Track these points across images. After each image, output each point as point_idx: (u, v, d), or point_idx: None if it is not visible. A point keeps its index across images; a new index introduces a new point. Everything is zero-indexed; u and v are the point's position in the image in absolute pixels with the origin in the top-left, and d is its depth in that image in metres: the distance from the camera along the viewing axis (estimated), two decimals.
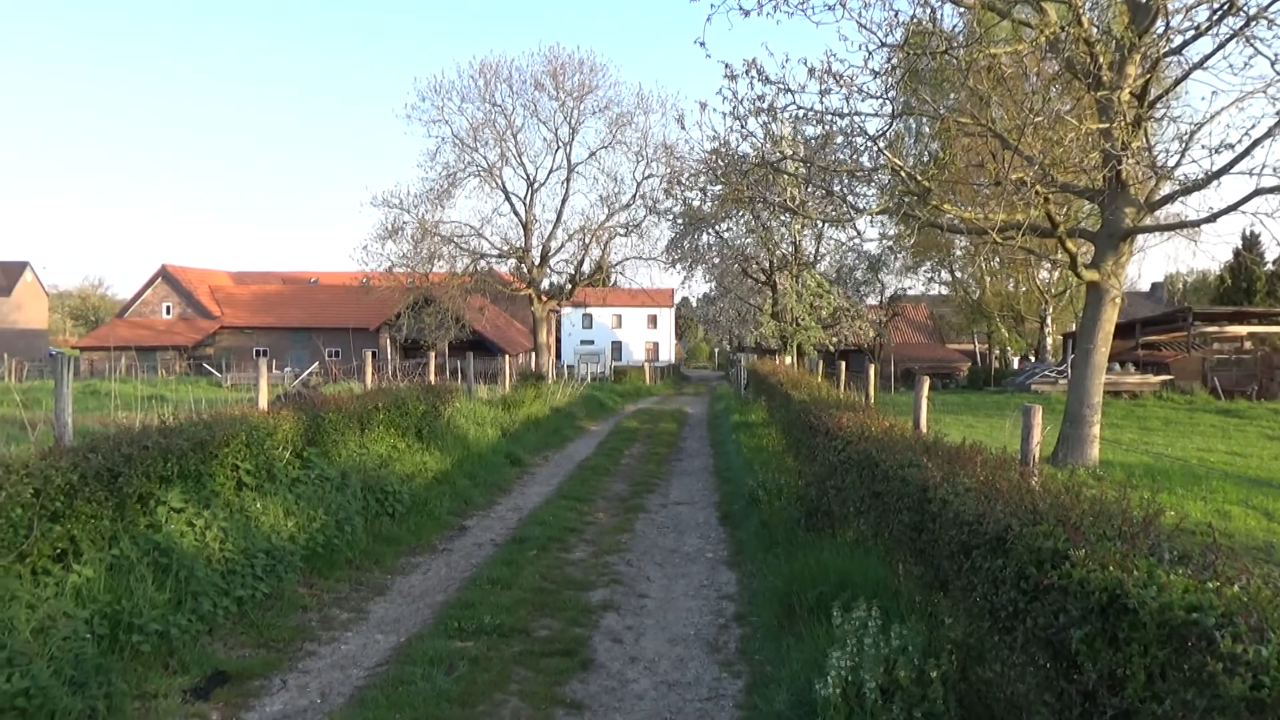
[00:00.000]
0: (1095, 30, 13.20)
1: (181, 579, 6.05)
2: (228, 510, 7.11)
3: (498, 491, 12.71)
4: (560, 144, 39.79)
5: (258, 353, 55.79)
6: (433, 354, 19.92)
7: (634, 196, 39.88)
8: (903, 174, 13.49)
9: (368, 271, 40.31)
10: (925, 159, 24.38)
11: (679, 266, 38.30)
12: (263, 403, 9.53)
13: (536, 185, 40.17)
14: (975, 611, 4.20)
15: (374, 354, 15.32)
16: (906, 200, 13.95)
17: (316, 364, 40.40)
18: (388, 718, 4.95)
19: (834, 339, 37.51)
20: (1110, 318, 14.25)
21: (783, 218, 32.97)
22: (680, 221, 36.27)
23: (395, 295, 41.35)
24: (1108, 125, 12.34)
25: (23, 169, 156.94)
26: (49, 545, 5.40)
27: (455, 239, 38.93)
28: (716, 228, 36.25)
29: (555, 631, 6.53)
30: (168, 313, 60.43)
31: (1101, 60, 12.49)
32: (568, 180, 40.38)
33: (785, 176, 17.77)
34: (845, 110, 13.13)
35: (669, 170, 34.84)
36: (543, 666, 5.80)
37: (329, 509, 8.34)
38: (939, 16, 12.63)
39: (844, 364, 15.60)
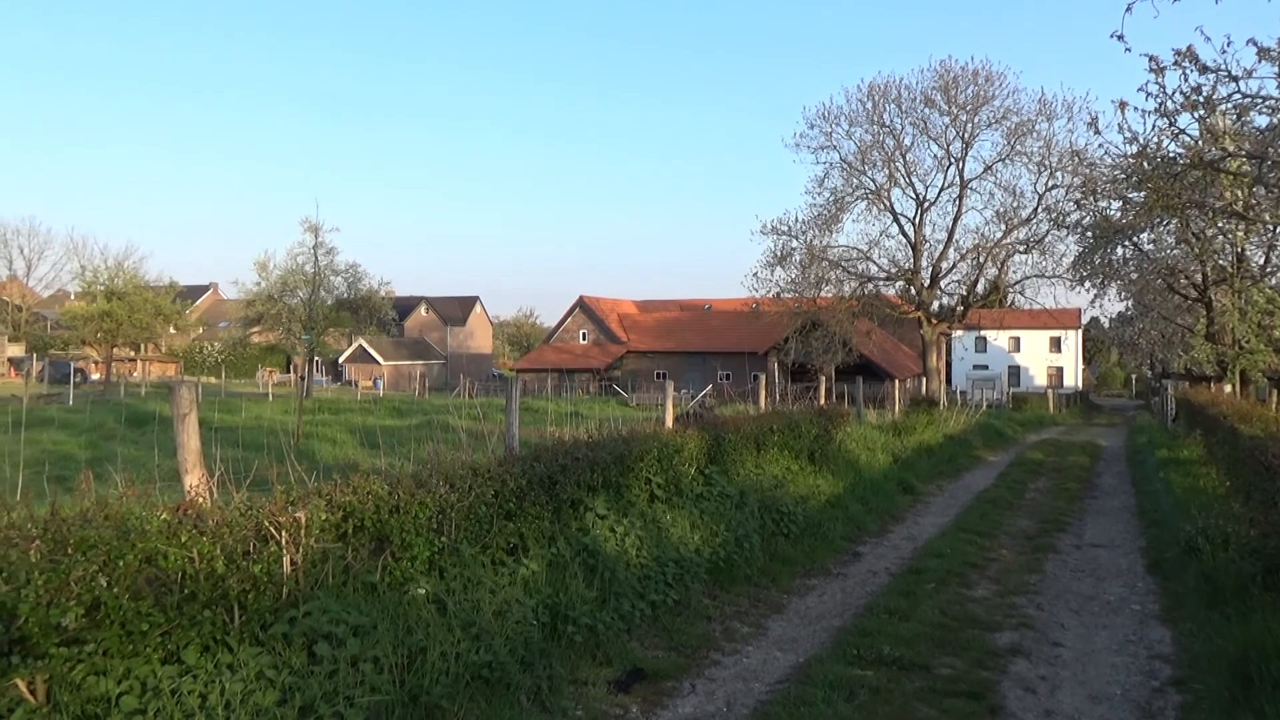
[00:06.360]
0: None
1: (606, 579, 6.72)
2: (642, 520, 7.76)
3: (890, 519, 12.44)
4: (952, 160, 38.28)
5: (658, 375, 60.14)
6: (821, 378, 20.07)
7: (1035, 210, 37.12)
8: None
9: (757, 297, 41.76)
10: None
11: (1088, 284, 34.57)
12: (668, 422, 10.27)
13: (926, 204, 39.00)
14: None
15: (763, 377, 15.83)
16: None
17: (710, 386, 42.60)
18: None
19: None
20: None
21: (1220, 224, 28.53)
22: (1090, 235, 32.90)
23: (783, 320, 42.27)
24: None
25: (474, 219, 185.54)
26: (504, 539, 6.29)
27: (842, 263, 39.00)
28: (1135, 239, 32.35)
29: (959, 671, 6.23)
30: (584, 339, 67.49)
31: None
32: (960, 197, 38.67)
33: (1227, 177, 15.39)
34: None
35: (1079, 179, 31.89)
36: (946, 706, 5.56)
37: (729, 525, 8.75)
38: None
39: None
